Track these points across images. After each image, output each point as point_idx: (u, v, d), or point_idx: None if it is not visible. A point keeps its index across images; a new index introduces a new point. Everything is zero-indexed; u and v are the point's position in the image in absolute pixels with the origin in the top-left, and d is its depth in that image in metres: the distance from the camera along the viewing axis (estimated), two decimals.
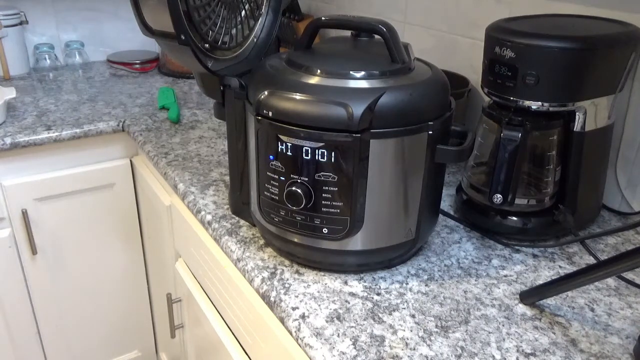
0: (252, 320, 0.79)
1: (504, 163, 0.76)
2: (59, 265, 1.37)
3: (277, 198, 0.70)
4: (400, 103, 0.64)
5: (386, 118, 0.64)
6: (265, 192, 0.71)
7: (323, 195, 0.67)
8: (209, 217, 0.88)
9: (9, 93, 1.28)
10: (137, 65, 1.69)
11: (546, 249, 0.81)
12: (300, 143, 0.65)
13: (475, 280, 0.74)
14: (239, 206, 0.85)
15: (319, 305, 0.68)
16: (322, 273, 0.74)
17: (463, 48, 1.14)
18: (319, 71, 0.67)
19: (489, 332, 0.64)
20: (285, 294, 0.70)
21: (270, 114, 0.66)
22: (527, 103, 0.76)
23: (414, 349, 0.61)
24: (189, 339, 1.17)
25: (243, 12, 0.79)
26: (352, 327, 0.64)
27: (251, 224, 0.85)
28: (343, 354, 0.60)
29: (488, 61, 0.78)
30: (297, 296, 0.69)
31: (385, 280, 0.73)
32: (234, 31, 0.78)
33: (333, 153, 0.64)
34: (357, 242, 0.70)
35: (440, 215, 0.90)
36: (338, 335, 0.63)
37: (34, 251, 1.30)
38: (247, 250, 0.79)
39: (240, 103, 0.75)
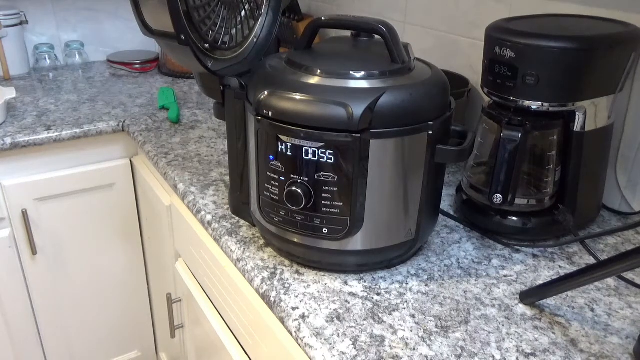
0: (252, 320, 0.79)
1: (504, 163, 0.76)
2: (59, 265, 1.37)
3: (277, 198, 0.70)
4: (400, 103, 0.64)
5: (386, 118, 0.64)
6: (265, 192, 0.71)
7: (323, 195, 0.67)
8: (209, 217, 0.88)
9: (9, 93, 1.28)
10: (137, 65, 1.69)
11: (546, 249, 0.81)
12: (300, 143, 0.65)
13: (475, 280, 0.74)
14: (239, 206, 0.85)
15: (319, 305, 0.68)
16: (322, 273, 0.74)
17: (463, 48, 1.14)
18: (319, 71, 0.67)
19: (489, 332, 0.64)
20: (285, 294, 0.70)
21: (270, 114, 0.66)
22: (527, 103, 0.76)
23: (414, 349, 0.61)
24: (189, 339, 1.17)
25: (243, 12, 0.79)
26: (352, 327, 0.64)
27: (251, 224, 0.85)
28: (343, 354, 0.60)
29: (488, 61, 0.78)
30: (297, 296, 0.69)
31: (385, 280, 0.73)
32: (234, 31, 0.78)
33: (333, 153, 0.64)
34: (357, 242, 0.70)
35: (440, 215, 0.90)
36: (338, 335, 0.63)
37: (34, 251, 1.30)
38: (247, 250, 0.79)
39: (240, 103, 0.75)
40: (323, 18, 0.72)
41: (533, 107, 0.76)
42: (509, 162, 0.76)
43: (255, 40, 0.82)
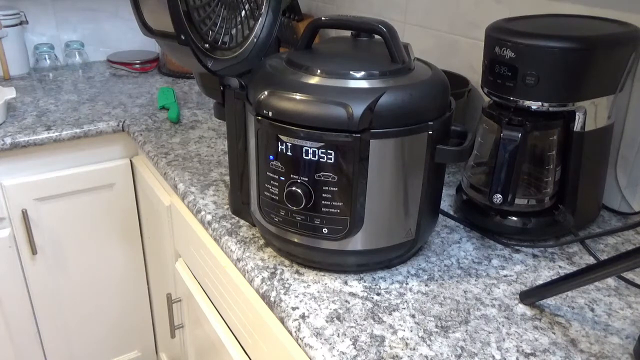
0: (252, 320, 0.79)
1: (504, 163, 0.76)
2: (59, 265, 1.37)
3: (277, 198, 0.70)
4: (400, 103, 0.64)
5: (386, 118, 0.64)
6: (265, 192, 0.71)
7: (323, 195, 0.67)
8: (209, 217, 0.88)
9: (9, 93, 1.28)
10: (137, 65, 1.69)
11: (546, 249, 0.81)
12: (300, 143, 0.65)
13: (475, 280, 0.74)
14: (239, 206, 0.85)
15: (319, 305, 0.68)
16: (322, 273, 0.74)
17: (463, 48, 1.14)
18: (319, 71, 0.67)
19: (489, 332, 0.64)
20: (285, 294, 0.70)
21: (270, 114, 0.66)
22: (527, 103, 0.76)
23: (414, 349, 0.61)
24: (189, 339, 1.17)
25: (243, 12, 0.79)
26: (352, 327, 0.64)
27: (251, 224, 0.85)
28: (343, 354, 0.60)
29: (488, 61, 0.78)
30: (297, 296, 0.69)
31: (385, 280, 0.73)
32: (234, 31, 0.78)
33: (333, 153, 0.64)
34: (357, 242, 0.70)
35: (440, 215, 0.90)
36: (338, 335, 0.63)
37: (34, 251, 1.30)
38: (247, 250, 0.79)
39: (240, 103, 0.75)
40: (323, 18, 0.72)
41: (533, 107, 0.76)
42: (509, 162, 0.76)
43: (255, 40, 0.82)
